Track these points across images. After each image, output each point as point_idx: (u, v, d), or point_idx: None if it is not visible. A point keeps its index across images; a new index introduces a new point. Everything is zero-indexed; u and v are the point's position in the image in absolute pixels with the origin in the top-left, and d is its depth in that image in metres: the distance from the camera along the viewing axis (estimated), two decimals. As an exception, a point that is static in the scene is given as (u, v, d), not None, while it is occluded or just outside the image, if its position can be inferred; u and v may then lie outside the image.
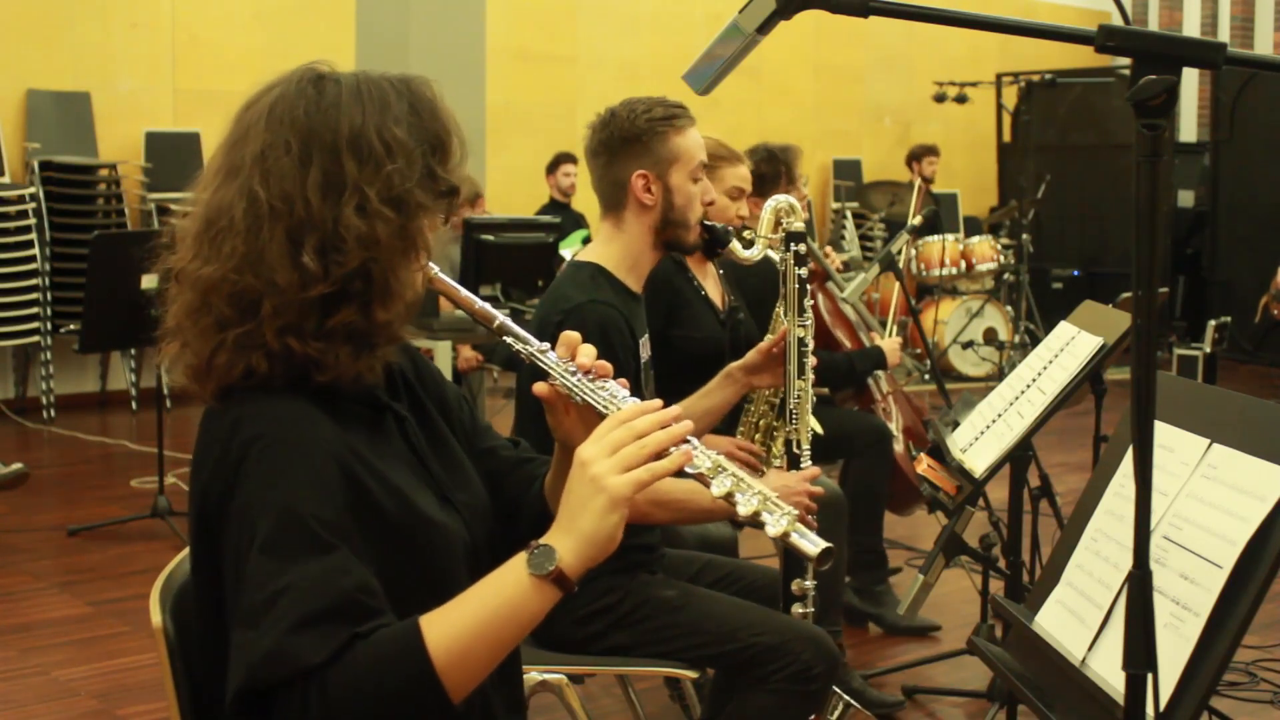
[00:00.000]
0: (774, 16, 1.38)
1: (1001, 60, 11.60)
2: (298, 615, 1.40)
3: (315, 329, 1.53)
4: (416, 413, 1.73)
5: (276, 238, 1.52)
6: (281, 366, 1.53)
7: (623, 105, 2.72)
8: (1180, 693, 1.57)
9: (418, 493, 1.62)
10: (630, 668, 2.75)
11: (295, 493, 1.46)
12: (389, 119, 1.56)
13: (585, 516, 1.45)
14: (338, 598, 1.42)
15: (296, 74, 1.60)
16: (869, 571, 4.30)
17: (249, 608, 1.42)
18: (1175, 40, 1.31)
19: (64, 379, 7.81)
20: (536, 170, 8.77)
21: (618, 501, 1.44)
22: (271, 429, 1.50)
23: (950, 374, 9.15)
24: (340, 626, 1.41)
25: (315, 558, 1.43)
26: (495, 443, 1.87)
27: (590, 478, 1.45)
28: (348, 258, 1.52)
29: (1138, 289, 1.34)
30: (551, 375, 1.63)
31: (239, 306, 1.53)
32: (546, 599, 1.45)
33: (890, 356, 4.39)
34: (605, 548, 1.45)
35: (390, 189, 1.54)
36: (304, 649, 1.39)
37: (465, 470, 1.76)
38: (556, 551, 1.44)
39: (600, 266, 2.70)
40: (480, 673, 1.46)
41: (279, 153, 1.54)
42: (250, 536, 1.44)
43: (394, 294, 1.56)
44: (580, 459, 1.47)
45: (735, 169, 3.55)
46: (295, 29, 8.41)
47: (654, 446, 1.47)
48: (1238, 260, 10.47)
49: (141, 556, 5.02)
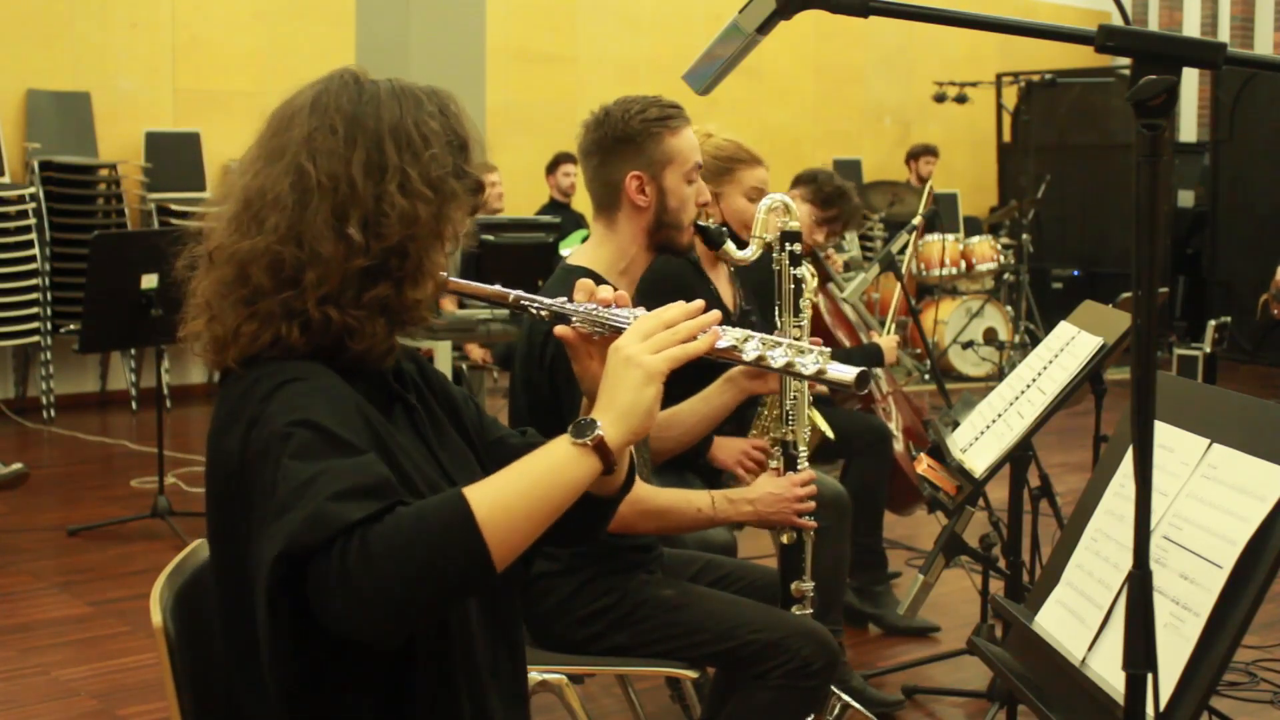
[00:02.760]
0: (774, 16, 1.38)
1: (1001, 60, 11.60)
2: (337, 488, 1.40)
3: (353, 299, 1.58)
4: (425, 408, 1.76)
5: (322, 212, 1.58)
6: (314, 336, 1.57)
7: (616, 104, 2.70)
8: (1180, 693, 1.57)
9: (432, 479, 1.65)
10: (630, 668, 2.75)
11: (321, 412, 1.48)
12: (424, 114, 1.64)
13: (622, 391, 1.52)
14: (377, 478, 1.44)
15: (336, 74, 1.68)
16: (869, 571, 4.30)
17: (283, 498, 1.41)
18: (1175, 40, 1.31)
19: (64, 379, 7.81)
20: (536, 170, 8.77)
21: (653, 375, 1.53)
22: (295, 374, 1.54)
23: (950, 374, 9.14)
24: (380, 499, 1.41)
25: (348, 456, 1.44)
26: (504, 433, 1.89)
27: (625, 358, 1.54)
28: (389, 233, 1.59)
29: (1138, 289, 1.34)
30: (573, 318, 1.67)
31: (278, 277, 1.57)
32: (588, 467, 1.50)
33: (888, 354, 4.40)
34: (644, 420, 1.53)
35: (429, 173, 1.62)
36: (347, 510, 1.38)
37: (472, 467, 1.77)
38: (599, 423, 1.51)
39: (591, 271, 2.69)
40: (523, 538, 1.47)
41: (325, 134, 1.61)
42: (278, 454, 1.44)
43: (426, 274, 1.63)
44: (615, 349, 1.55)
45: (754, 171, 3.55)
46: (295, 29, 8.41)
47: (685, 332, 1.56)
48: (1238, 260, 10.46)
49: (141, 556, 5.01)
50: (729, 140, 3.59)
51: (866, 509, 4.19)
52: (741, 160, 3.51)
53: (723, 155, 3.56)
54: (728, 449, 3.27)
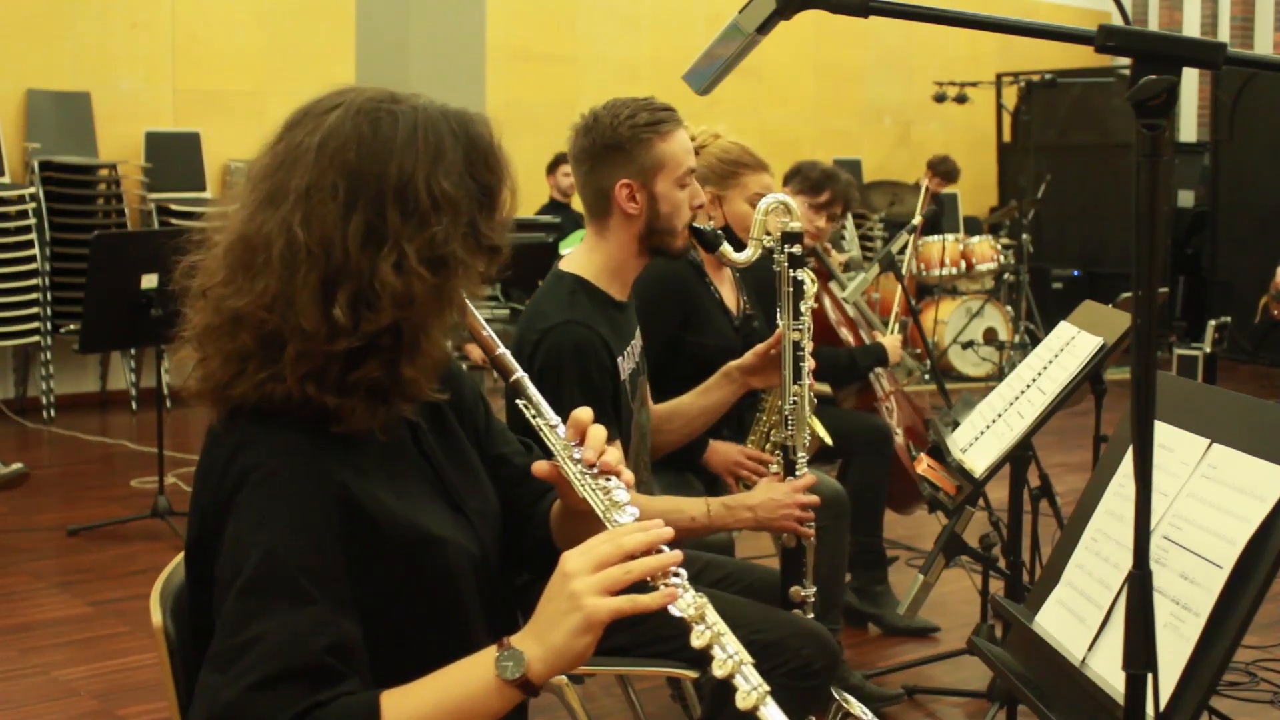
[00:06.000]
0: (774, 16, 1.38)
1: (1001, 60, 11.59)
2: (263, 672, 1.41)
3: (337, 380, 1.51)
4: (432, 416, 1.72)
5: (310, 283, 1.49)
6: (298, 404, 1.52)
7: (605, 109, 2.66)
8: (1180, 693, 1.57)
9: (428, 508, 1.62)
10: (630, 668, 2.74)
11: (284, 535, 1.46)
12: (439, 170, 1.53)
13: (558, 632, 1.42)
14: (306, 659, 1.42)
15: (357, 103, 1.55)
16: (868, 571, 4.30)
17: (221, 650, 1.44)
18: (1175, 40, 1.31)
19: (64, 379, 7.81)
20: (536, 170, 8.77)
21: (593, 624, 1.42)
22: (270, 460, 1.49)
23: (950, 374, 9.14)
24: (303, 690, 1.41)
25: (294, 608, 1.44)
26: (507, 449, 1.85)
27: (570, 593, 1.42)
28: (380, 315, 1.50)
29: (1138, 289, 1.34)
30: (556, 457, 1.61)
31: (264, 343, 1.51)
32: (508, 700, 1.44)
33: (892, 354, 4.41)
34: (573, 663, 1.44)
35: (432, 248, 1.52)
36: (263, 708, 1.40)
37: (479, 476, 1.75)
38: (526, 658, 1.43)
39: (581, 279, 2.67)
40: None
41: (325, 196, 1.50)
42: (234, 573, 1.45)
43: (423, 351, 1.55)
44: (563, 568, 1.44)
45: (759, 176, 3.54)
46: (295, 29, 8.41)
47: (639, 573, 1.44)
48: (1238, 260, 10.46)
49: (141, 556, 5.01)
50: (735, 143, 3.57)
51: (866, 508, 4.19)
52: (747, 165, 3.50)
53: (728, 159, 3.54)
54: (721, 456, 3.26)
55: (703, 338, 3.34)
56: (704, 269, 3.46)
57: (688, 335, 3.32)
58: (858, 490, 4.15)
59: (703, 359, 3.25)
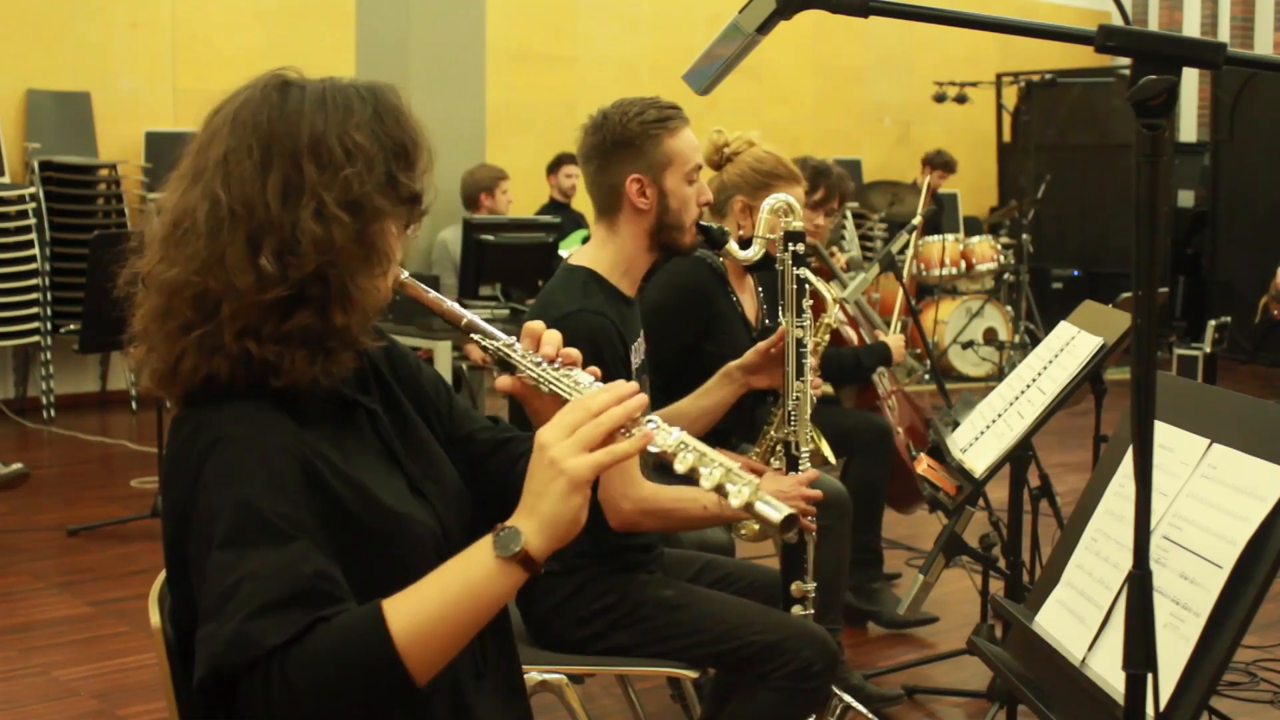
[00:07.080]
0: (774, 16, 1.38)
1: (1001, 60, 11.60)
2: (258, 602, 1.41)
3: (273, 332, 1.54)
4: (389, 406, 1.74)
5: (236, 241, 1.54)
6: (241, 370, 1.54)
7: (614, 107, 2.69)
8: (1180, 693, 1.57)
9: (387, 484, 1.64)
10: (630, 668, 2.75)
11: (252, 487, 1.47)
12: (350, 124, 1.58)
13: (546, 500, 1.45)
14: (298, 584, 1.43)
15: (262, 80, 1.63)
16: (865, 569, 4.30)
17: (211, 601, 1.43)
18: (1175, 40, 1.31)
19: (64, 379, 7.81)
20: (537, 170, 8.77)
21: (578, 484, 1.44)
22: (228, 429, 1.52)
23: (950, 374, 9.14)
24: (302, 611, 1.41)
25: (274, 547, 1.44)
26: (473, 426, 1.87)
27: (549, 460, 1.45)
28: (304, 261, 1.54)
29: (1138, 289, 1.34)
30: (518, 368, 1.65)
31: (201, 309, 1.54)
32: (512, 580, 1.45)
33: (896, 353, 4.41)
34: (569, 529, 1.45)
35: (348, 193, 1.56)
36: (265, 632, 1.39)
37: (437, 460, 1.76)
38: (522, 533, 1.44)
39: (593, 271, 2.69)
40: (444, 654, 1.46)
41: (241, 157, 1.56)
42: (210, 536, 1.46)
43: (352, 299, 1.58)
44: (539, 441, 1.47)
45: (792, 189, 3.52)
46: (295, 29, 8.41)
47: (610, 423, 1.47)
48: (1238, 260, 10.46)
49: (141, 556, 5.01)
50: (770, 153, 3.54)
51: (866, 507, 4.19)
52: (780, 176, 3.47)
53: (762, 169, 3.50)
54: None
55: (720, 348, 3.31)
56: (727, 278, 3.45)
57: (707, 345, 3.29)
58: (858, 489, 4.15)
59: (715, 368, 3.23)
